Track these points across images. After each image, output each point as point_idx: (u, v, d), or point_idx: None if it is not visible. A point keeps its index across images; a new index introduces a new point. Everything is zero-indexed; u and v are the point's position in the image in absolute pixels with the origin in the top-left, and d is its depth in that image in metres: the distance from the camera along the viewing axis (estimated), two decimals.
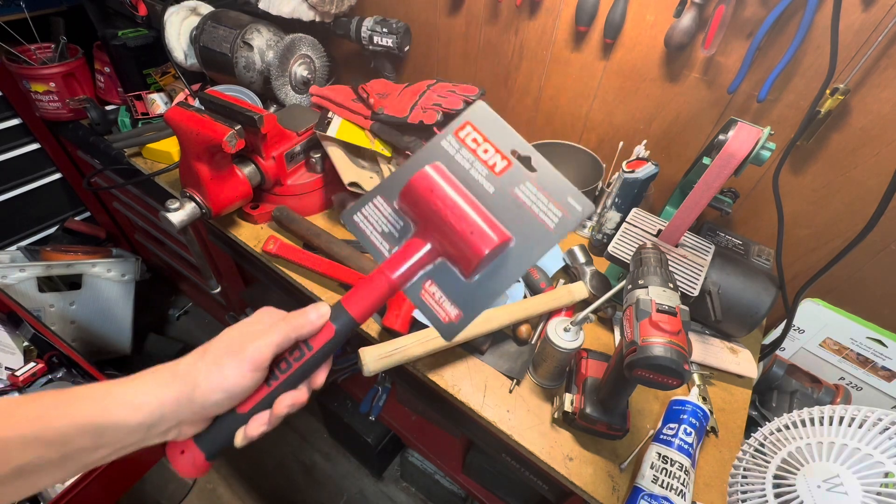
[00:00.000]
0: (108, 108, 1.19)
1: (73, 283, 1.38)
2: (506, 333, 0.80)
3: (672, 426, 0.64)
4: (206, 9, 1.11)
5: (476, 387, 0.72)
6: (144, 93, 1.14)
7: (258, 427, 0.34)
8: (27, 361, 1.07)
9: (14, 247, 1.39)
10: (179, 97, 1.12)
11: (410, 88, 0.95)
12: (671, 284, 0.55)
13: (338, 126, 0.92)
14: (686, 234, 0.78)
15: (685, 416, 0.64)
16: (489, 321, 0.73)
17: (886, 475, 0.45)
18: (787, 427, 0.55)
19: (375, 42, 1.08)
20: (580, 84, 0.97)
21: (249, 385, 0.34)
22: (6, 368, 1.03)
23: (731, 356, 0.78)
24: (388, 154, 0.93)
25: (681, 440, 0.61)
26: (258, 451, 1.49)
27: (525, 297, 0.82)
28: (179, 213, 0.81)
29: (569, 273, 0.90)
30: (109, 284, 1.41)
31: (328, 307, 0.36)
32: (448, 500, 1.35)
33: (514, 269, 0.34)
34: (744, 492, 0.55)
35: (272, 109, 1.11)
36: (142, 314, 1.55)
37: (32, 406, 0.31)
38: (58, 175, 1.42)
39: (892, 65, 0.67)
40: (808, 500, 0.48)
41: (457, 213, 0.34)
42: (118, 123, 1.16)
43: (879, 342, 0.78)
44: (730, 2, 0.72)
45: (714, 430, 0.70)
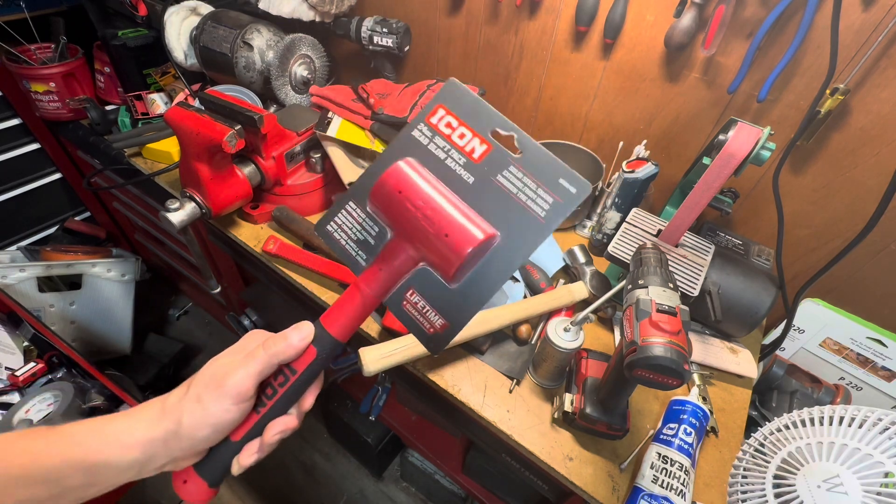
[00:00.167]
0: (108, 108, 1.20)
1: (73, 283, 1.38)
2: (506, 333, 0.80)
3: (672, 426, 0.64)
4: (206, 9, 1.11)
5: (476, 387, 0.72)
6: (144, 93, 1.14)
7: (250, 456, 0.34)
8: (27, 361, 1.07)
9: (14, 247, 1.39)
10: (179, 97, 1.12)
11: (410, 88, 0.95)
12: (671, 284, 0.55)
13: (338, 126, 0.92)
14: (686, 234, 0.78)
15: (685, 416, 0.64)
16: (489, 321, 0.73)
17: (886, 475, 0.45)
18: (787, 427, 0.55)
19: (375, 42, 1.08)
20: (580, 84, 0.97)
21: (235, 418, 0.33)
22: (6, 368, 1.03)
23: (731, 356, 0.78)
24: None
25: (681, 440, 0.61)
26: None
27: (525, 297, 0.82)
28: (179, 213, 0.81)
29: (569, 273, 0.90)
30: (109, 284, 1.41)
31: (311, 328, 0.34)
32: (448, 500, 1.35)
33: (503, 270, 0.31)
34: (744, 492, 0.55)
35: (272, 109, 1.11)
36: (142, 314, 1.55)
37: (24, 444, 0.30)
38: (58, 175, 1.42)
39: (892, 65, 0.67)
40: (808, 500, 0.48)
41: (431, 213, 0.30)
42: (118, 123, 1.16)
43: (879, 342, 0.78)
44: (730, 2, 0.72)
45: (714, 430, 0.70)
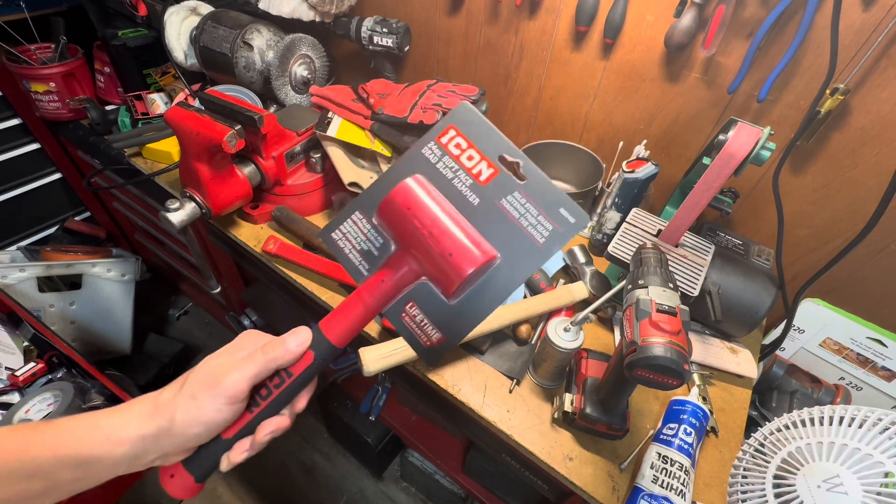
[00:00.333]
0: (108, 108, 1.20)
1: (73, 283, 1.38)
2: (506, 333, 0.80)
3: (672, 426, 0.64)
4: (206, 9, 1.11)
5: (476, 387, 0.72)
6: (144, 93, 1.14)
7: (240, 453, 0.35)
8: (27, 361, 1.07)
9: (14, 247, 1.39)
10: (179, 97, 1.12)
11: (410, 88, 0.95)
12: (671, 284, 0.55)
13: (338, 126, 0.92)
14: (686, 234, 0.78)
15: (685, 416, 0.64)
16: (489, 321, 0.73)
17: (886, 475, 0.45)
18: (787, 427, 0.55)
19: (375, 42, 1.08)
20: (580, 84, 0.97)
21: (228, 417, 0.33)
22: (6, 368, 1.03)
23: (731, 356, 0.78)
24: (388, 154, 0.93)
25: (681, 440, 0.61)
26: (259, 451, 1.48)
27: (525, 297, 0.82)
28: (179, 213, 0.81)
29: (569, 273, 0.90)
30: (109, 284, 1.41)
31: (308, 334, 0.35)
32: (448, 500, 1.35)
33: (501, 290, 0.32)
34: (744, 492, 0.55)
35: (272, 109, 1.11)
36: (142, 314, 1.55)
37: (15, 439, 0.31)
38: (58, 175, 1.42)
39: (892, 65, 0.67)
40: (808, 500, 0.48)
41: (437, 232, 0.32)
42: (118, 123, 1.16)
43: (879, 342, 0.78)
44: (730, 2, 0.72)
45: (714, 430, 0.70)
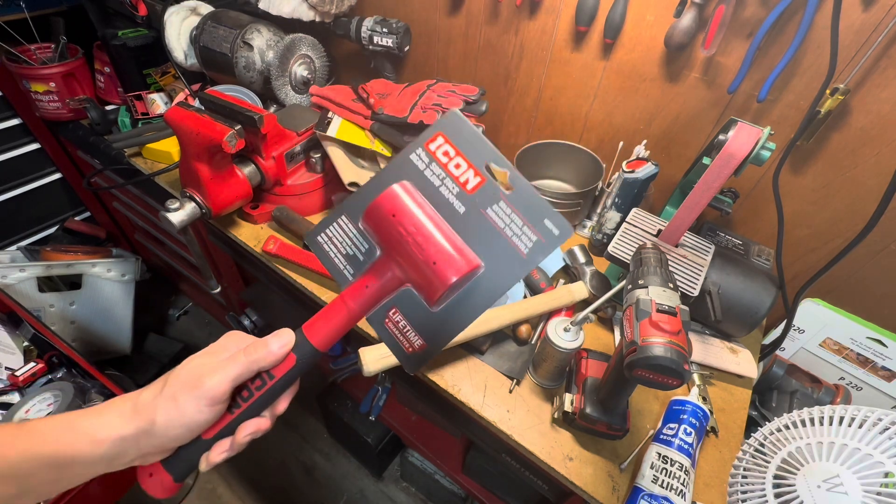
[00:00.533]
0: (108, 108, 1.20)
1: (73, 283, 1.38)
2: (506, 333, 0.80)
3: (672, 426, 0.64)
4: (206, 9, 1.11)
5: (476, 387, 0.72)
6: (144, 93, 1.14)
7: (220, 454, 0.34)
8: (27, 361, 1.07)
9: (14, 247, 1.39)
10: (179, 97, 1.12)
11: (410, 88, 0.95)
12: (671, 284, 0.55)
13: (338, 126, 0.92)
14: (686, 234, 0.78)
15: (685, 416, 0.64)
16: (489, 321, 0.73)
17: (886, 475, 0.45)
18: (787, 427, 0.55)
19: (375, 42, 1.08)
20: (580, 84, 0.97)
21: (209, 419, 0.33)
22: (6, 368, 1.03)
23: (731, 356, 0.78)
24: (388, 154, 0.93)
25: (681, 440, 0.61)
26: (258, 451, 1.49)
27: (525, 297, 0.82)
28: (179, 213, 0.81)
29: (569, 273, 0.90)
30: (109, 284, 1.41)
31: (291, 336, 0.35)
32: (448, 500, 1.35)
33: (484, 298, 0.32)
34: (744, 492, 0.55)
35: (272, 109, 1.11)
36: (142, 314, 1.55)
37: None
38: (58, 175, 1.42)
39: (892, 65, 0.67)
40: (808, 500, 0.48)
41: (422, 240, 0.32)
42: (118, 123, 1.16)
43: (879, 342, 0.78)
44: (730, 2, 0.72)
45: (714, 430, 0.70)
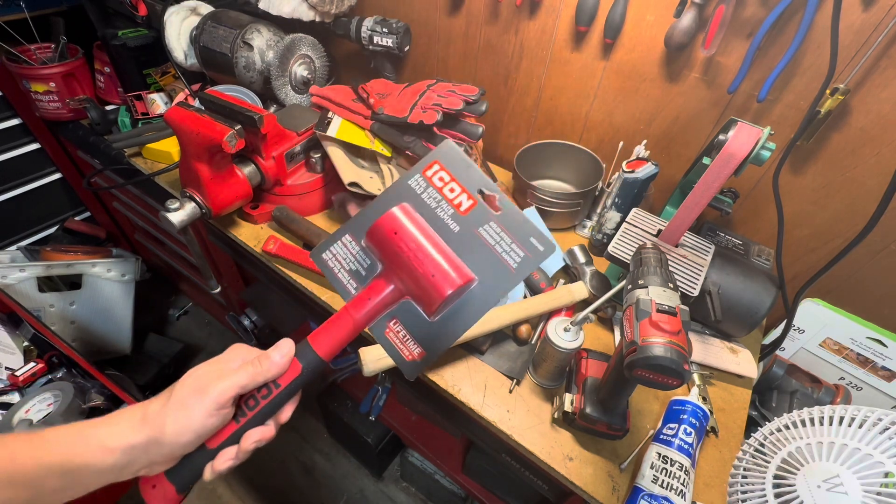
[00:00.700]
0: (108, 108, 1.20)
1: (73, 283, 1.38)
2: (506, 333, 0.79)
3: (672, 426, 0.64)
4: (206, 9, 1.11)
5: (476, 387, 0.72)
6: (144, 93, 1.14)
7: (225, 462, 0.35)
8: (27, 361, 1.07)
9: (14, 247, 1.39)
10: (179, 97, 1.12)
11: (410, 88, 0.94)
12: (671, 284, 0.55)
13: (338, 126, 0.92)
14: (686, 234, 0.78)
15: (685, 416, 0.64)
16: (489, 321, 0.73)
17: (886, 475, 0.45)
18: (787, 427, 0.55)
19: (375, 42, 1.08)
20: (580, 84, 0.97)
21: (216, 423, 0.34)
22: (6, 368, 1.03)
23: (731, 356, 0.78)
24: (388, 154, 0.93)
25: (681, 440, 0.61)
26: (258, 452, 1.47)
27: (525, 297, 0.82)
28: (179, 213, 0.81)
29: (569, 273, 0.90)
30: (109, 284, 1.41)
31: (291, 347, 0.37)
32: (448, 500, 1.35)
33: (477, 309, 0.35)
34: (744, 492, 0.55)
35: (272, 109, 1.11)
36: (142, 314, 1.55)
37: (4, 449, 0.31)
38: (58, 175, 1.42)
39: (892, 65, 0.67)
40: (808, 500, 0.48)
41: (420, 255, 0.35)
42: (118, 123, 1.16)
43: (879, 342, 0.78)
44: (730, 2, 0.72)
45: (714, 430, 0.70)
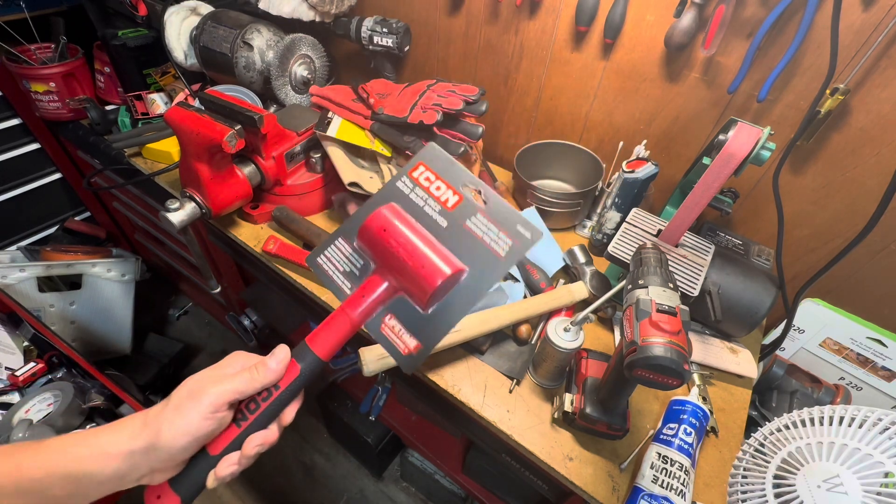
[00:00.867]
0: (108, 108, 1.20)
1: (73, 283, 1.38)
2: (506, 333, 0.80)
3: (672, 426, 0.64)
4: (206, 9, 1.11)
5: (476, 387, 0.72)
6: (144, 93, 1.14)
7: (228, 468, 0.35)
8: (27, 361, 1.07)
9: (14, 247, 1.39)
10: (179, 97, 1.12)
11: (410, 88, 0.94)
12: (671, 284, 0.55)
13: (338, 126, 0.92)
14: (686, 234, 0.78)
15: (685, 416, 0.64)
16: (489, 321, 0.73)
17: (886, 475, 0.45)
18: (787, 427, 0.55)
19: (375, 42, 1.08)
20: (580, 84, 0.97)
21: (213, 427, 0.34)
22: (6, 368, 1.03)
23: (731, 356, 0.78)
24: (388, 154, 0.92)
25: (681, 440, 0.61)
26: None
27: (525, 297, 0.82)
28: (179, 213, 0.81)
29: (569, 273, 0.89)
30: (109, 284, 1.41)
31: (287, 353, 0.38)
32: (448, 500, 1.35)
33: (470, 298, 0.36)
34: (744, 492, 0.55)
35: (272, 109, 1.11)
36: (142, 314, 1.55)
37: (11, 458, 0.32)
38: (58, 175, 1.42)
39: (892, 65, 0.67)
40: (808, 500, 0.48)
41: (409, 250, 0.36)
42: (118, 123, 1.16)
43: (879, 342, 0.78)
44: (730, 2, 0.72)
45: (714, 430, 0.70)
